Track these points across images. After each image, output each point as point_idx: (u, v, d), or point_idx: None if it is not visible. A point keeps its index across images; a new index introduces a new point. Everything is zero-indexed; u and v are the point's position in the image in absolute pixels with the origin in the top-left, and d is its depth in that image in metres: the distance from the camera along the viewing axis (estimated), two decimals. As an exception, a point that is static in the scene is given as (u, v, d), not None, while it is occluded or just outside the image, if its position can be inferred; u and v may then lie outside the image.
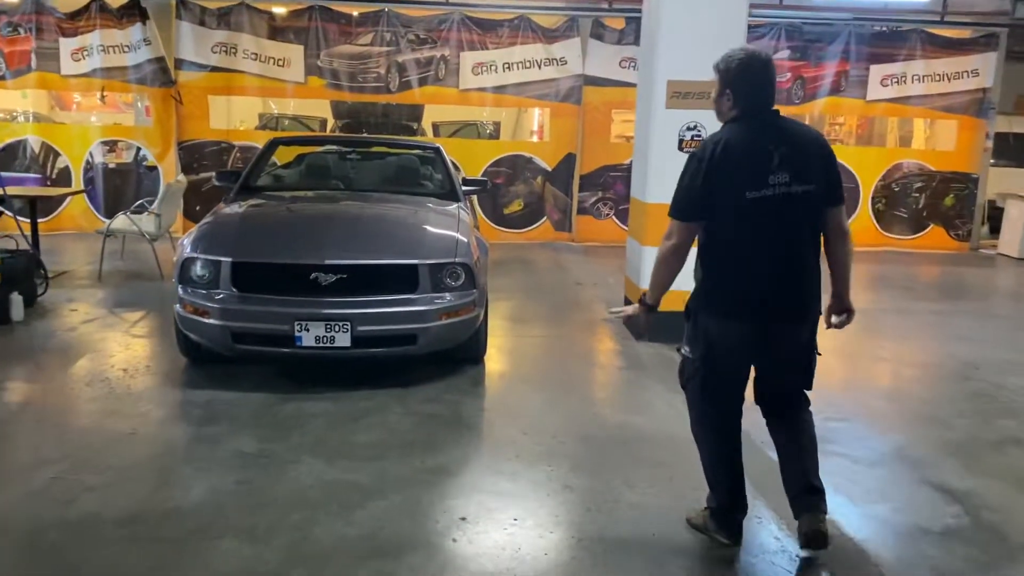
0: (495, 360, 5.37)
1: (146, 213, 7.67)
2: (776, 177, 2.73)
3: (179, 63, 9.75)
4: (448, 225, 5.13)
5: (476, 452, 3.98)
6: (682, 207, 2.83)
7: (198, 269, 4.61)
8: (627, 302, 6.33)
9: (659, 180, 5.73)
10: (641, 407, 4.60)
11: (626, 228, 10.34)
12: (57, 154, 9.92)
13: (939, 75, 10.49)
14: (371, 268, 4.61)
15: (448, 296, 4.69)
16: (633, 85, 10.24)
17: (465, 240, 4.93)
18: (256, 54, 9.83)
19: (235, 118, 13.00)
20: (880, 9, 10.49)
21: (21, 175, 9.35)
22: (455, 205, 5.70)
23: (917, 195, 10.89)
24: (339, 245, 4.69)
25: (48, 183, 9.78)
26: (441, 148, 6.50)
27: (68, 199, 9.72)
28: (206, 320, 4.53)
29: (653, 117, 5.71)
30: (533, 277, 8.44)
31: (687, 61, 5.60)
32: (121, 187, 9.95)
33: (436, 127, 12.19)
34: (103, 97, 9.70)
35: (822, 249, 2.93)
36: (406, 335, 4.61)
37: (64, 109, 13.83)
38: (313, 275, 4.51)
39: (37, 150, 9.86)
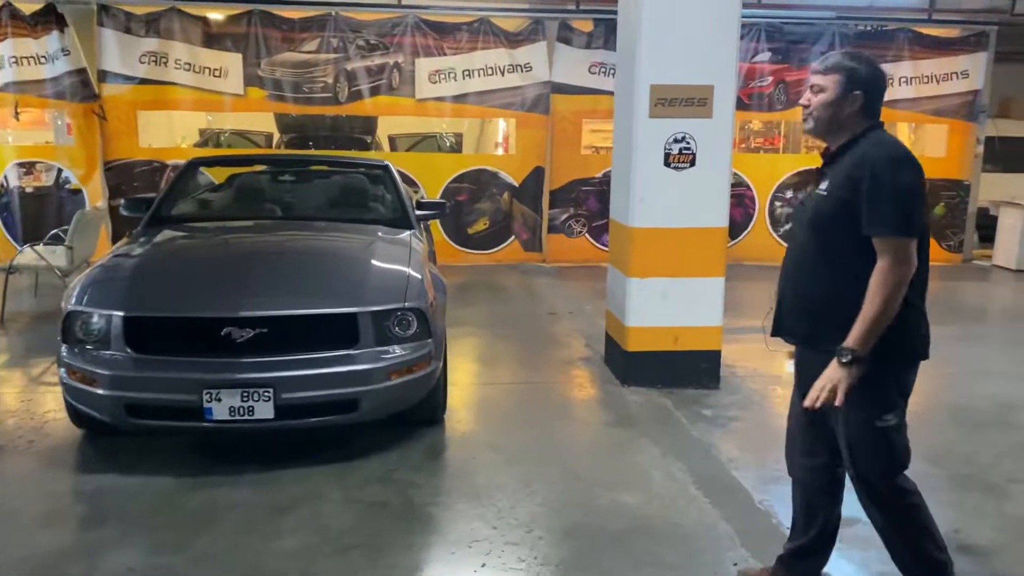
0: (457, 418, 4.52)
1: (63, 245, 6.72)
2: None
3: (103, 75, 8.78)
4: (397, 260, 4.28)
5: (432, 559, 3.11)
6: (917, 222, 2.33)
7: (84, 326, 3.71)
8: (608, 339, 5.53)
9: (645, 202, 4.94)
10: (635, 479, 3.78)
11: (601, 247, 9.62)
12: (-33, 178, 8.89)
13: (928, 77, 9.86)
14: (298, 320, 3.74)
15: (397, 350, 3.84)
16: (605, 92, 9.54)
17: (418, 278, 4.08)
18: (190, 64, 8.90)
19: (176, 134, 12.05)
20: (865, 8, 9.83)
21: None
22: (407, 233, 4.85)
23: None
24: (259, 292, 3.80)
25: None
26: (390, 166, 5.64)
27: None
28: (94, 390, 3.63)
29: (635, 128, 4.91)
30: (501, 306, 7.59)
31: (674, 63, 4.82)
32: (41, 213, 8.92)
33: (393, 140, 11.33)
34: (18, 115, 8.71)
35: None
36: (345, 401, 3.74)
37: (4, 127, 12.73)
38: (226, 331, 3.62)
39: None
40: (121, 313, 3.64)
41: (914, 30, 9.79)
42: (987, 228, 10.79)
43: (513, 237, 9.70)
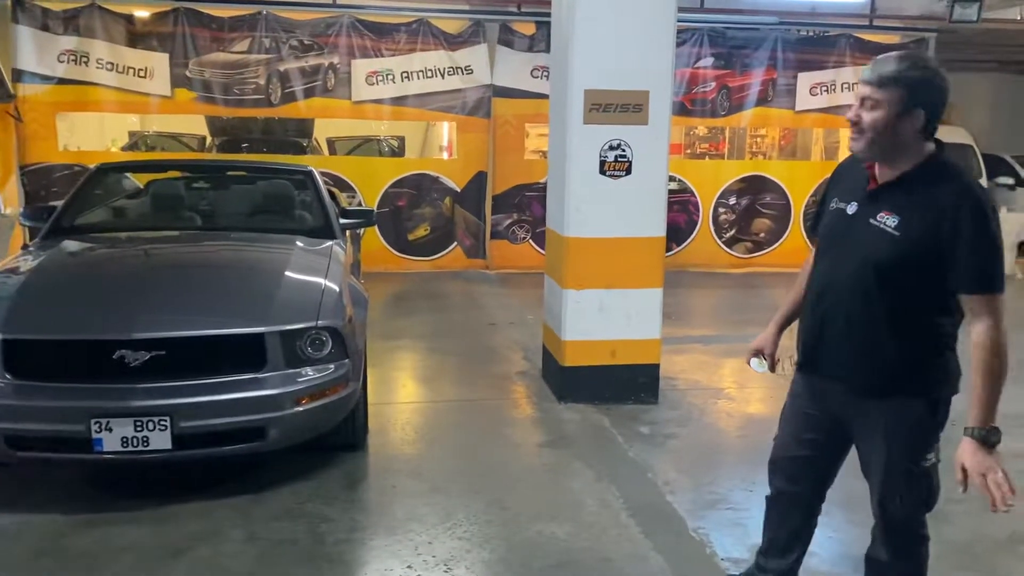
0: (381, 442, 4.26)
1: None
2: None
3: (18, 74, 8.30)
4: (313, 273, 4.00)
5: (338, 604, 2.85)
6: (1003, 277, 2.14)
7: (-41, 349, 3.36)
8: (545, 352, 5.32)
9: (580, 211, 4.74)
10: (565, 508, 3.56)
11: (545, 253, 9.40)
12: None
13: (869, 83, 9.85)
14: (199, 341, 3.44)
15: (309, 372, 3.56)
16: (547, 96, 9.31)
17: (334, 292, 3.81)
18: (112, 64, 8.45)
19: (107, 137, 11.55)
20: (807, 13, 9.79)
21: None
22: (328, 244, 4.56)
23: (850, 211, 10.22)
24: (156, 311, 3.49)
25: None
26: (313, 171, 5.33)
27: None
28: (-31, 419, 3.29)
29: (569, 134, 4.71)
30: (440, 316, 7.33)
31: (608, 66, 4.63)
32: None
33: (332, 143, 11.02)
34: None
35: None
36: (251, 428, 3.45)
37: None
38: (118, 354, 3.31)
39: None
40: (0, 335, 3.30)
41: (855, 36, 9.78)
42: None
43: (455, 243, 9.44)
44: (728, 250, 10.01)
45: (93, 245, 4.40)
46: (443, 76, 9.03)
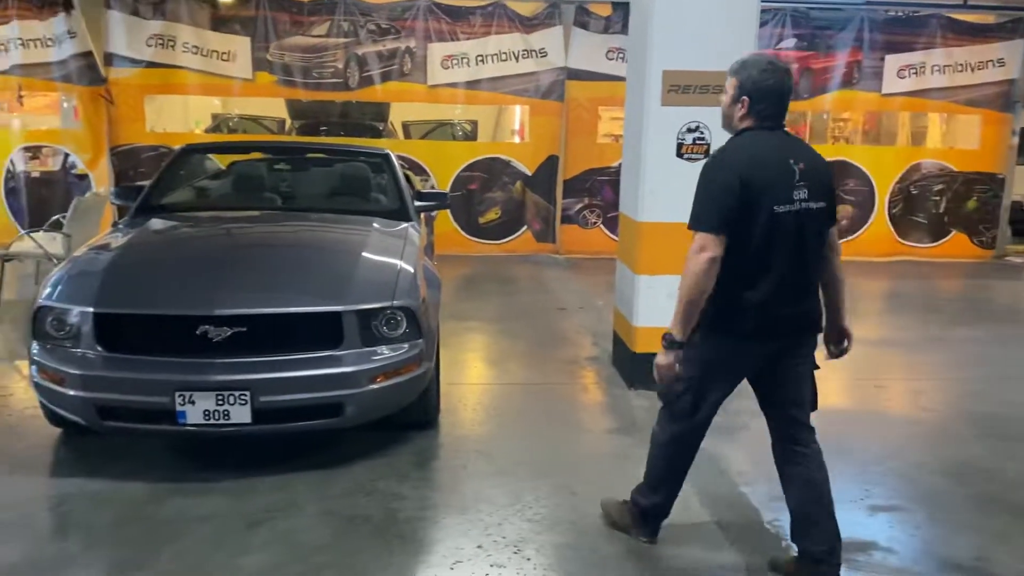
0: (452, 422, 4.29)
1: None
2: (798, 193, 2.68)
3: (109, 58, 8.62)
4: (389, 254, 4.04)
5: (408, 581, 2.89)
6: (716, 218, 2.61)
7: (54, 322, 3.51)
8: (615, 338, 5.27)
9: (655, 194, 4.67)
10: (635, 495, 3.52)
11: (616, 238, 9.27)
12: (-26, 162, 8.77)
13: (961, 65, 9.43)
14: (279, 318, 3.52)
15: (384, 351, 3.61)
16: (622, 79, 9.13)
17: (409, 273, 3.84)
18: (197, 47, 8.72)
19: (191, 119, 11.91)
20: (896, -9, 9.42)
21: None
22: (404, 226, 4.61)
23: (937, 198, 9.84)
24: (237, 288, 3.58)
25: (-38, 195, 8.65)
26: (391, 154, 5.38)
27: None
28: (64, 390, 3.44)
29: (646, 117, 4.63)
30: (509, 300, 7.35)
31: (688, 47, 4.53)
32: (47, 198, 8.79)
33: (407, 127, 11.09)
34: (21, 98, 8.59)
35: None
36: (328, 404, 3.52)
37: (12, 111, 12.65)
38: (201, 329, 3.41)
39: (-51, 158, 8.70)
40: (91, 309, 3.44)
41: (948, 16, 9.36)
42: (1021, 223, 10.39)
43: (525, 227, 9.44)
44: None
45: (179, 224, 4.54)
46: (517, 59, 9.01)
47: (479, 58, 8.96)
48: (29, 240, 6.35)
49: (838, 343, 2.93)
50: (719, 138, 4.64)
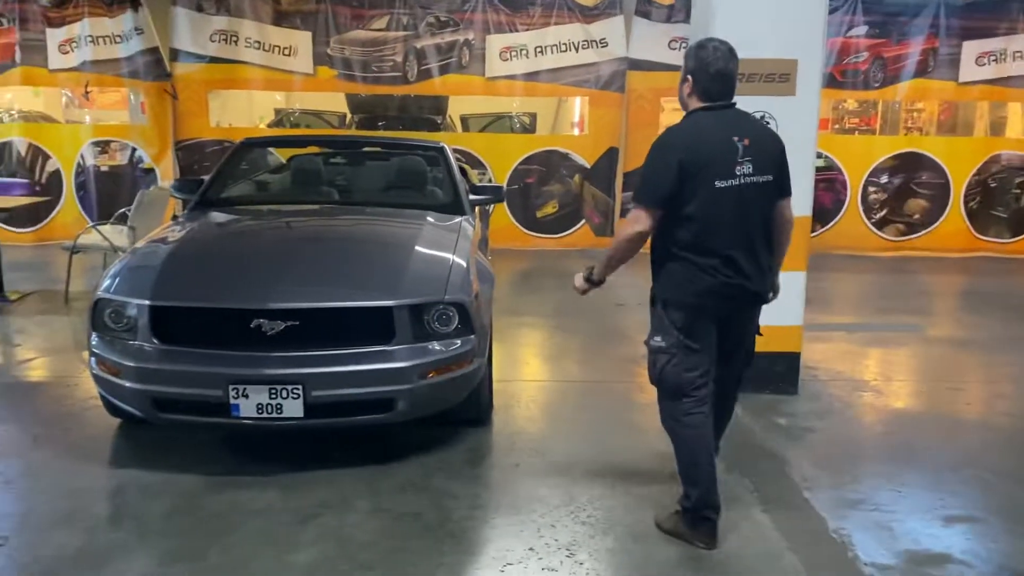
0: (505, 419, 4.22)
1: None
2: (741, 168, 2.83)
3: (175, 54, 8.79)
4: (442, 248, 3.99)
5: (458, 582, 2.83)
6: (653, 195, 2.84)
7: (112, 314, 3.55)
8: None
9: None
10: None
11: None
12: (47, 157, 9.04)
13: (1045, 51, 8.96)
14: (330, 313, 3.49)
15: (436, 346, 3.55)
16: (684, 69, 8.95)
17: (462, 267, 3.78)
18: (259, 42, 8.82)
19: (255, 113, 12.11)
20: (975, -24, 8.99)
21: (4, 180, 8.51)
22: (458, 220, 4.55)
23: (1018, 192, 9.37)
24: (290, 283, 3.57)
25: (37, 189, 8.93)
26: (446, 148, 5.34)
27: (59, 205, 8.90)
28: (121, 381, 3.47)
29: (708, 106, 4.47)
30: (566, 294, 7.15)
31: (754, 35, 4.34)
32: (115, 192, 9.02)
33: (465, 120, 11.08)
34: (87, 93, 8.81)
35: None
36: (379, 400, 3.48)
37: (83, 106, 13.06)
38: (255, 323, 3.40)
39: (24, 152, 8.98)
40: (147, 302, 3.46)
41: (1032, -1, 8.90)
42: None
43: (584, 221, 9.32)
44: (878, 232, 9.40)
45: (236, 218, 4.57)
46: (577, 50, 8.89)
47: (538, 49, 8.86)
48: (96, 233, 6.50)
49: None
50: (785, 128, 4.46)
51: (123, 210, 7.30)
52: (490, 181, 8.75)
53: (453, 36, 8.87)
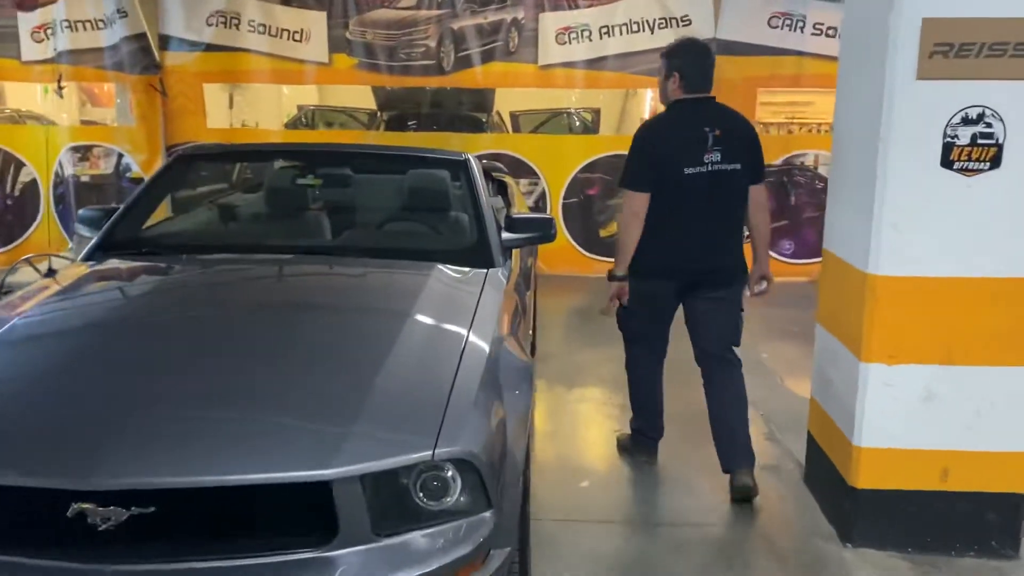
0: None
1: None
2: (710, 156, 3.12)
3: (165, 41, 7.35)
4: (440, 343, 2.35)
5: None
6: (635, 179, 3.20)
7: None
8: (813, 450, 3.40)
9: (898, 229, 2.77)
10: None
11: (779, 258, 7.28)
12: (21, 164, 7.68)
13: None
14: (213, 494, 1.86)
15: (419, 542, 1.91)
16: (789, 52, 7.23)
17: (471, 388, 2.12)
18: (265, 26, 7.36)
19: (284, 111, 10.68)
20: None
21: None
22: (481, 276, 2.90)
23: None
24: (147, 435, 1.92)
25: (8, 202, 7.59)
26: (470, 162, 3.65)
27: (36, 222, 7.57)
28: None
29: (886, 99, 2.73)
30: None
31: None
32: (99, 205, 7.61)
33: (516, 118, 9.42)
34: (61, 89, 7.44)
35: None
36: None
37: (97, 105, 11.80)
38: (73, 509, 1.79)
39: (-7, 159, 7.66)
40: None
41: None
42: None
43: (658, 242, 7.57)
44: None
45: (119, 283, 2.96)
46: (652, 30, 7.21)
47: (603, 30, 7.21)
48: (29, 268, 5.04)
49: (758, 284, 3.35)
50: (1021, 135, 2.72)
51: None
52: (544, 192, 7.09)
53: (498, 15, 7.26)
